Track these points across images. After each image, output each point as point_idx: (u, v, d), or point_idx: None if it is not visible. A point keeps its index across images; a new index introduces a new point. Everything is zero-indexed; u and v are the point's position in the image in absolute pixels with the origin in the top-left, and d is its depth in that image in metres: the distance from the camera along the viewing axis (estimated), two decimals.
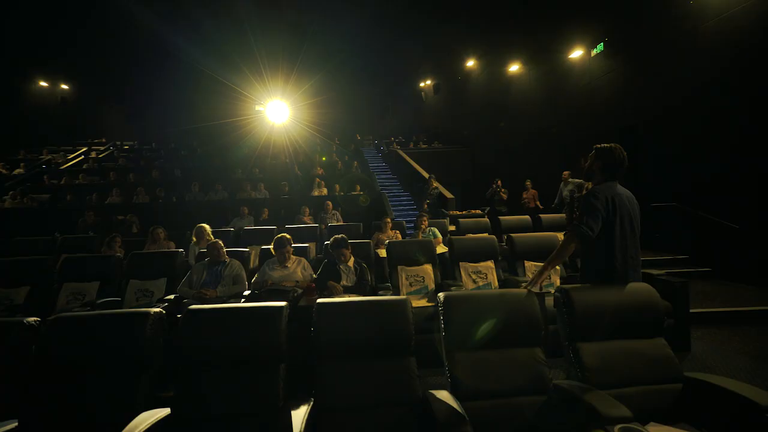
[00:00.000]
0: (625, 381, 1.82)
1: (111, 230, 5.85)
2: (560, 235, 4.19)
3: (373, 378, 1.78)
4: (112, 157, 12.97)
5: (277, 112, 16.05)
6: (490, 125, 13.01)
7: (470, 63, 14.56)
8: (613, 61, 7.60)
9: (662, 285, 3.21)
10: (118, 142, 15.59)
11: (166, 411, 1.65)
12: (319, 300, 1.94)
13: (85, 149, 14.20)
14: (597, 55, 7.98)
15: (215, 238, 4.47)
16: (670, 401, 1.79)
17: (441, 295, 2.00)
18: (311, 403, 1.71)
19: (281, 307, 1.86)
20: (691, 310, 3.33)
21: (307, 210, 7.33)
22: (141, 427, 1.48)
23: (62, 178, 10.16)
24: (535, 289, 2.13)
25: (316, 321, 1.86)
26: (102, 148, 14.76)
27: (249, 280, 3.59)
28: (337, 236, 3.38)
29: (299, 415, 1.55)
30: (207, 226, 4.39)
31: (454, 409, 1.54)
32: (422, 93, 18.73)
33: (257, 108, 15.49)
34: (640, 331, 1.96)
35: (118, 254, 3.72)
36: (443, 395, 1.71)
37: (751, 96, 5.00)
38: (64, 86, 16.86)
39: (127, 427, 1.48)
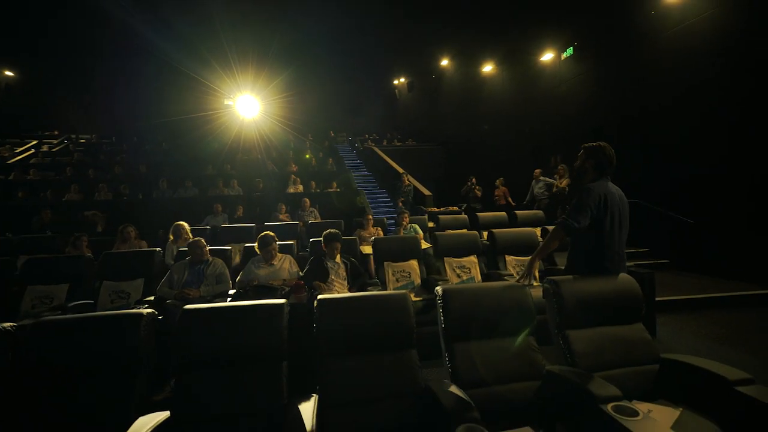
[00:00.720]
0: (610, 364, 1.95)
1: (72, 229, 5.51)
2: (537, 231, 4.37)
3: (378, 371, 1.80)
4: (67, 151, 12.13)
5: (247, 106, 15.62)
6: (464, 124, 13.28)
7: (444, 62, 14.79)
8: (582, 64, 7.99)
9: (631, 276, 3.44)
10: (73, 136, 14.58)
11: (165, 414, 1.60)
12: (320, 296, 1.94)
13: (35, 142, 13.19)
14: (567, 58, 8.35)
15: (192, 236, 4.33)
16: (650, 380, 1.94)
17: (439, 288, 2.05)
18: (316, 399, 1.71)
19: (282, 304, 1.85)
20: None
21: (284, 207, 7.22)
22: None
23: (10, 173, 9.39)
24: (525, 282, 2.23)
25: (317, 317, 1.86)
26: (55, 141, 13.76)
27: (232, 279, 3.51)
28: (331, 230, 3.38)
29: (308, 412, 1.55)
30: (185, 224, 4.24)
31: (461, 397, 1.60)
32: (396, 91, 18.83)
33: (226, 102, 14.98)
34: (622, 317, 2.10)
35: (88, 254, 3.51)
36: (446, 385, 1.76)
37: (707, 101, 5.42)
38: (9, 73, 15.54)
39: None
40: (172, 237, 4.22)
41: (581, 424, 1.62)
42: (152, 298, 3.04)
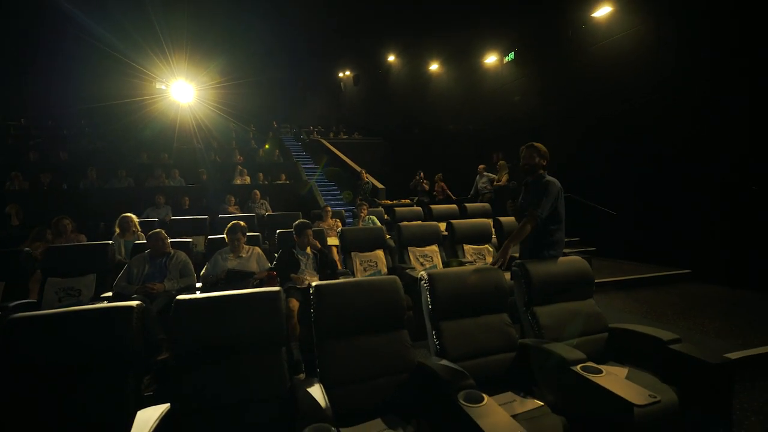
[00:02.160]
0: (570, 334, 2.25)
1: None
2: (490, 221, 4.72)
3: (374, 351, 1.90)
4: None
5: (182, 92, 14.53)
6: (410, 119, 13.60)
7: (391, 58, 14.97)
8: (522, 69, 8.64)
9: None
10: None
11: (165, 406, 1.55)
12: (315, 282, 1.98)
13: None
14: (509, 62, 8.96)
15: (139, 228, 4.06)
16: (602, 346, 2.28)
17: (424, 273, 2.20)
18: (317, 379, 1.77)
19: (278, 291, 1.87)
20: None
21: (233, 199, 6.94)
22: (149, 426, 1.39)
23: None
24: (498, 265, 2.46)
25: (315, 303, 1.91)
26: None
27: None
28: (303, 220, 3.37)
29: (317, 391, 1.60)
30: (134, 216, 3.93)
31: (456, 368, 1.76)
32: (341, 83, 18.69)
33: (158, 86, 13.75)
34: (578, 294, 2.42)
35: (27, 249, 3.11)
36: (437, 359, 1.92)
37: (630, 106, 6.21)
38: None
39: (134, 428, 1.38)
40: (118, 230, 3.89)
41: (555, 385, 1.87)
42: (109, 294, 2.82)
